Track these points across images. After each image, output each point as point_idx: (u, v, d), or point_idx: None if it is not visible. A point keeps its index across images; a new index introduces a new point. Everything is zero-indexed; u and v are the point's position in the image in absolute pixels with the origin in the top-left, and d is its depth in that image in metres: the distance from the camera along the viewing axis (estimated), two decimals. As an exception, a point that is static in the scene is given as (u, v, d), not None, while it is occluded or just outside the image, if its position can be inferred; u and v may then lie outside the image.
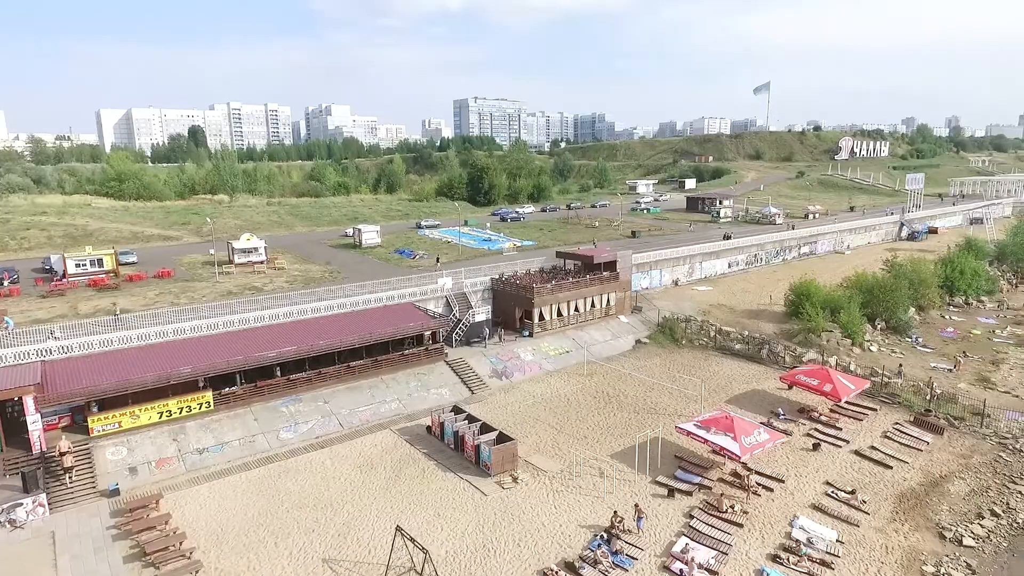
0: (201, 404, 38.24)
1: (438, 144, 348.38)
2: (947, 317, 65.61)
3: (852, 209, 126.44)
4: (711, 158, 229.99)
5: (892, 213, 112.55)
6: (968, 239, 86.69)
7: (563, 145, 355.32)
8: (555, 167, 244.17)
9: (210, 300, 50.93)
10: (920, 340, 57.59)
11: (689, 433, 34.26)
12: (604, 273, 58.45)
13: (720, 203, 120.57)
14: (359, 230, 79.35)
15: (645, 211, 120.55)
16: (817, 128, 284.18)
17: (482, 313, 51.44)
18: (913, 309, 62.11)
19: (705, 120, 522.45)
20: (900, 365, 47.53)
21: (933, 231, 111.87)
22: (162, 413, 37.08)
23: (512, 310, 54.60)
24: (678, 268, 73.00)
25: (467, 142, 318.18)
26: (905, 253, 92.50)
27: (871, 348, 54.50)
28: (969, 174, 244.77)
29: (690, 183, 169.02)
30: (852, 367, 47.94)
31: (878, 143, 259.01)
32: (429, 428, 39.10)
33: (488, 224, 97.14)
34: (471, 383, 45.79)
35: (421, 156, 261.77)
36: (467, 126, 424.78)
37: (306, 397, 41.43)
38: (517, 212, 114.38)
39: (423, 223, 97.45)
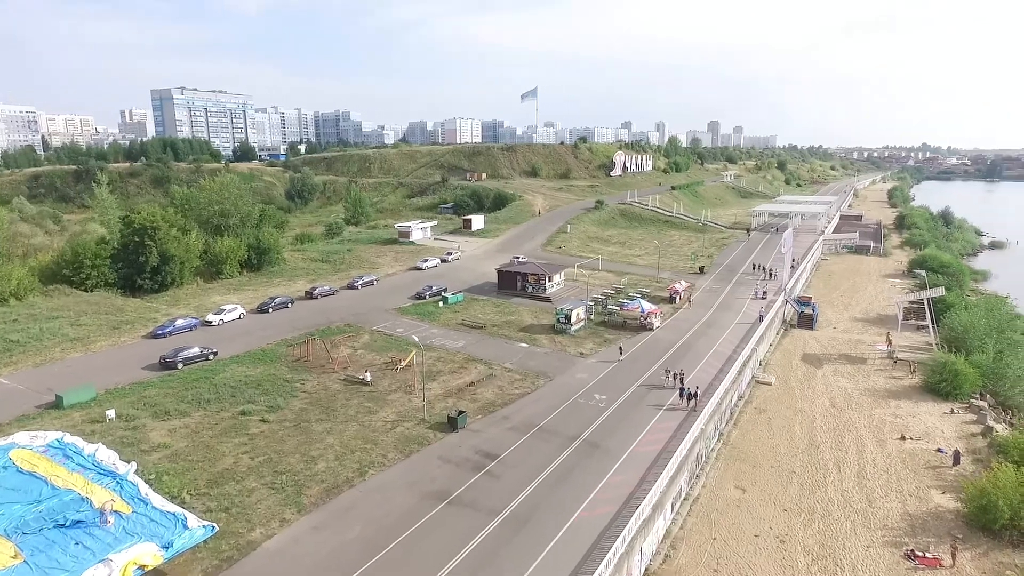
0: None
1: (128, 145, 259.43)
2: None
3: (702, 270, 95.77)
4: (484, 175, 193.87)
5: (763, 295, 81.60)
6: (943, 363, 57.14)
7: (302, 150, 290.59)
8: (291, 187, 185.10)
9: None
10: None
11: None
12: None
13: (549, 279, 79.78)
14: None
15: (440, 300, 74.18)
16: (584, 139, 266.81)
17: None
18: None
19: (457, 121, 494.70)
20: None
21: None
22: None
23: None
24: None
25: (169, 148, 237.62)
26: (840, 385, 55.94)
27: None
28: (728, 191, 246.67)
29: (477, 221, 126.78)
30: None
31: (644, 157, 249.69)
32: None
33: (112, 414, 41.48)
34: None
35: (87, 172, 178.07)
36: (173, 125, 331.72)
37: None
38: (207, 332, 59.08)
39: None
